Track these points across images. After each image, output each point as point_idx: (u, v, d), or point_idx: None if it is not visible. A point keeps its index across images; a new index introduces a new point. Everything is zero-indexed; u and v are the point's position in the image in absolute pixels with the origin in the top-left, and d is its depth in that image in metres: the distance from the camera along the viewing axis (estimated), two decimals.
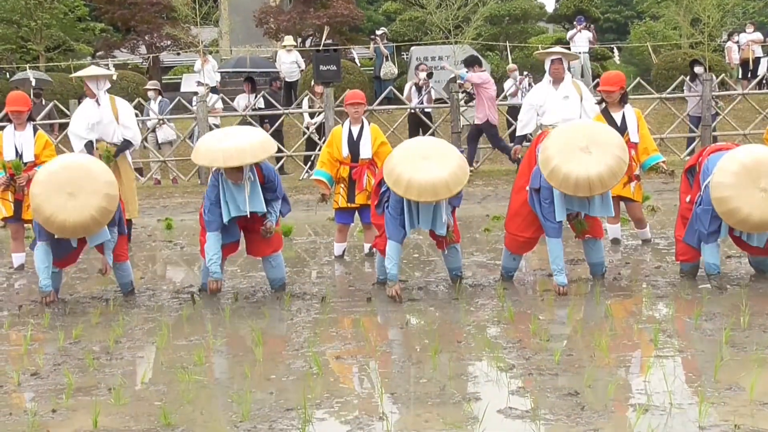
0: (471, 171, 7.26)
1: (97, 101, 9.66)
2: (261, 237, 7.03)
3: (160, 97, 18.23)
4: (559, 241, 6.71)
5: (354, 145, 8.50)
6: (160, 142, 18.19)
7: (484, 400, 4.24)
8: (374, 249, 8.63)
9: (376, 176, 8.13)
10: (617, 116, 8.59)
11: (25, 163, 8.50)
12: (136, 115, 18.03)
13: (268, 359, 5.16)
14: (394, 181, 6.46)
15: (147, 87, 18.71)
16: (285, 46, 21.88)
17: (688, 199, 7.04)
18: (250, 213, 6.86)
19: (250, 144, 6.63)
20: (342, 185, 8.62)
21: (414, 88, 17.89)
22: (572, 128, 6.82)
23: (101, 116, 9.61)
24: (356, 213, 8.71)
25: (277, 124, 17.44)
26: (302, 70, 20.87)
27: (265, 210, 6.95)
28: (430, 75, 18.78)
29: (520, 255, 7.31)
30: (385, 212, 6.84)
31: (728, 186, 6.27)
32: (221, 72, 22.43)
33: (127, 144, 9.77)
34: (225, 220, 6.84)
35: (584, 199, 6.58)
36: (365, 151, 8.47)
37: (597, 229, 7.02)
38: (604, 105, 8.71)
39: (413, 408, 4.18)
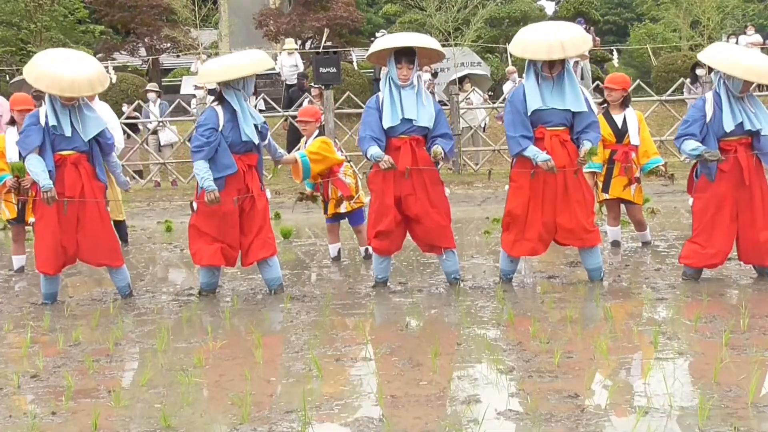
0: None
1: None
2: (256, 241, 7.03)
3: (159, 100, 18.24)
4: (531, 147, 6.71)
5: None
6: (162, 144, 18.22)
7: (483, 402, 4.23)
8: (370, 249, 8.68)
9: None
10: (618, 118, 8.61)
11: None
12: (137, 118, 18.16)
13: (267, 361, 5.16)
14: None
15: (147, 89, 18.72)
16: (286, 49, 21.88)
17: (690, 201, 7.04)
18: (246, 199, 6.96)
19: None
20: (309, 200, 8.83)
21: None
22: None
23: None
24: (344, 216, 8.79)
25: (277, 126, 17.45)
26: (301, 73, 20.78)
27: (261, 121, 7.12)
28: (435, 74, 18.76)
29: (516, 258, 7.27)
30: (364, 111, 7.04)
31: (720, 50, 6.86)
32: None
33: None
34: (246, 136, 6.89)
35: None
36: None
37: (593, 238, 6.99)
38: (605, 106, 8.73)
39: (413, 410, 4.18)
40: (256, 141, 6.99)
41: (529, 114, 6.78)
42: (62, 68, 6.78)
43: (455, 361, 5.03)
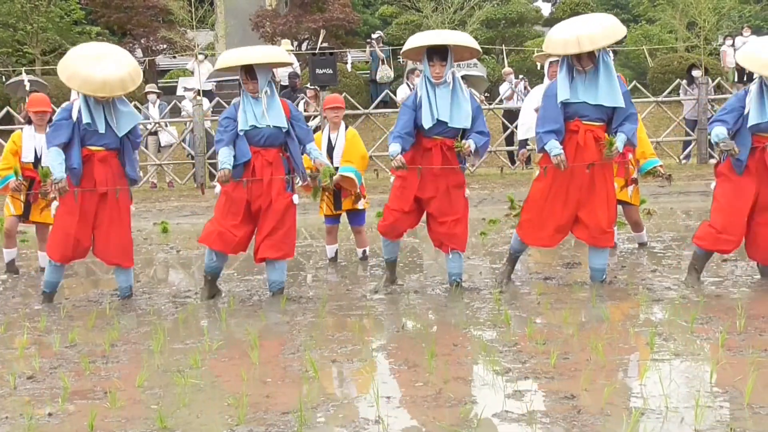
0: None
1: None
2: (269, 239, 6.97)
3: (159, 101, 18.24)
4: (550, 142, 6.70)
5: (331, 152, 8.52)
6: (162, 145, 18.21)
7: (480, 403, 4.24)
8: (367, 250, 8.72)
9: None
10: None
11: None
12: None
13: (264, 362, 5.16)
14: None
15: (147, 90, 18.70)
16: None
17: (712, 186, 7.01)
18: (265, 191, 6.90)
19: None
20: (327, 192, 8.55)
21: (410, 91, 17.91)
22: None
23: None
24: (344, 215, 8.78)
25: None
26: (293, 72, 20.60)
27: (285, 124, 6.96)
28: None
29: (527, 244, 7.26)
30: (401, 108, 7.00)
31: (753, 47, 6.82)
32: (215, 80, 22.03)
33: None
34: (241, 127, 6.87)
35: None
36: (338, 160, 8.46)
37: (607, 240, 6.95)
38: None
39: (409, 412, 4.18)
40: (242, 126, 6.91)
41: (558, 106, 6.76)
42: (95, 68, 6.78)
43: (451, 362, 5.03)
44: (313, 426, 4.04)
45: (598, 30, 6.70)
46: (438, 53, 6.82)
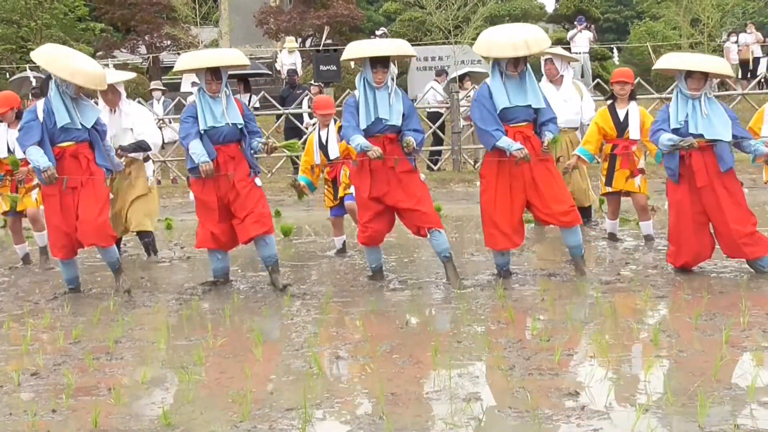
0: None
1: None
2: (249, 218, 7.21)
3: (164, 98, 18.26)
4: (504, 138, 6.94)
5: (324, 147, 8.99)
6: (166, 141, 18.21)
7: (484, 400, 4.24)
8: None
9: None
10: (621, 112, 8.78)
11: (21, 159, 8.56)
12: None
13: (268, 359, 5.16)
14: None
15: (152, 87, 18.73)
16: (287, 47, 21.84)
17: (665, 206, 7.26)
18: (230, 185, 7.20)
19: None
20: (326, 187, 9.17)
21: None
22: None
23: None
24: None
25: (276, 124, 17.45)
26: (291, 69, 20.42)
27: (242, 121, 7.30)
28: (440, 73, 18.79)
29: (504, 251, 7.39)
30: (344, 108, 7.26)
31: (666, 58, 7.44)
32: None
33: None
34: (201, 127, 7.18)
35: None
36: (333, 152, 8.94)
37: (573, 219, 7.16)
38: (611, 101, 8.87)
39: (413, 408, 4.18)
40: (202, 126, 7.18)
41: (494, 110, 7.02)
42: (87, 65, 7.16)
43: (455, 358, 5.03)
44: (317, 422, 4.04)
45: (539, 35, 7.16)
46: (380, 61, 7.14)
